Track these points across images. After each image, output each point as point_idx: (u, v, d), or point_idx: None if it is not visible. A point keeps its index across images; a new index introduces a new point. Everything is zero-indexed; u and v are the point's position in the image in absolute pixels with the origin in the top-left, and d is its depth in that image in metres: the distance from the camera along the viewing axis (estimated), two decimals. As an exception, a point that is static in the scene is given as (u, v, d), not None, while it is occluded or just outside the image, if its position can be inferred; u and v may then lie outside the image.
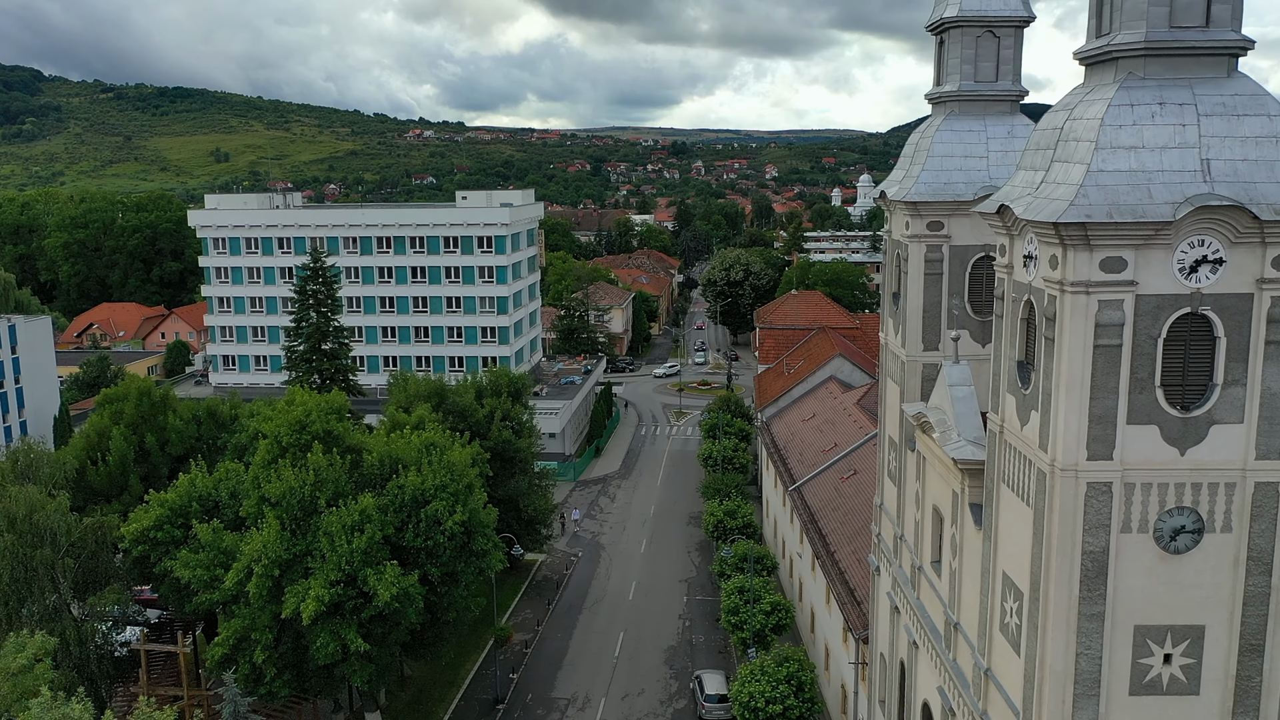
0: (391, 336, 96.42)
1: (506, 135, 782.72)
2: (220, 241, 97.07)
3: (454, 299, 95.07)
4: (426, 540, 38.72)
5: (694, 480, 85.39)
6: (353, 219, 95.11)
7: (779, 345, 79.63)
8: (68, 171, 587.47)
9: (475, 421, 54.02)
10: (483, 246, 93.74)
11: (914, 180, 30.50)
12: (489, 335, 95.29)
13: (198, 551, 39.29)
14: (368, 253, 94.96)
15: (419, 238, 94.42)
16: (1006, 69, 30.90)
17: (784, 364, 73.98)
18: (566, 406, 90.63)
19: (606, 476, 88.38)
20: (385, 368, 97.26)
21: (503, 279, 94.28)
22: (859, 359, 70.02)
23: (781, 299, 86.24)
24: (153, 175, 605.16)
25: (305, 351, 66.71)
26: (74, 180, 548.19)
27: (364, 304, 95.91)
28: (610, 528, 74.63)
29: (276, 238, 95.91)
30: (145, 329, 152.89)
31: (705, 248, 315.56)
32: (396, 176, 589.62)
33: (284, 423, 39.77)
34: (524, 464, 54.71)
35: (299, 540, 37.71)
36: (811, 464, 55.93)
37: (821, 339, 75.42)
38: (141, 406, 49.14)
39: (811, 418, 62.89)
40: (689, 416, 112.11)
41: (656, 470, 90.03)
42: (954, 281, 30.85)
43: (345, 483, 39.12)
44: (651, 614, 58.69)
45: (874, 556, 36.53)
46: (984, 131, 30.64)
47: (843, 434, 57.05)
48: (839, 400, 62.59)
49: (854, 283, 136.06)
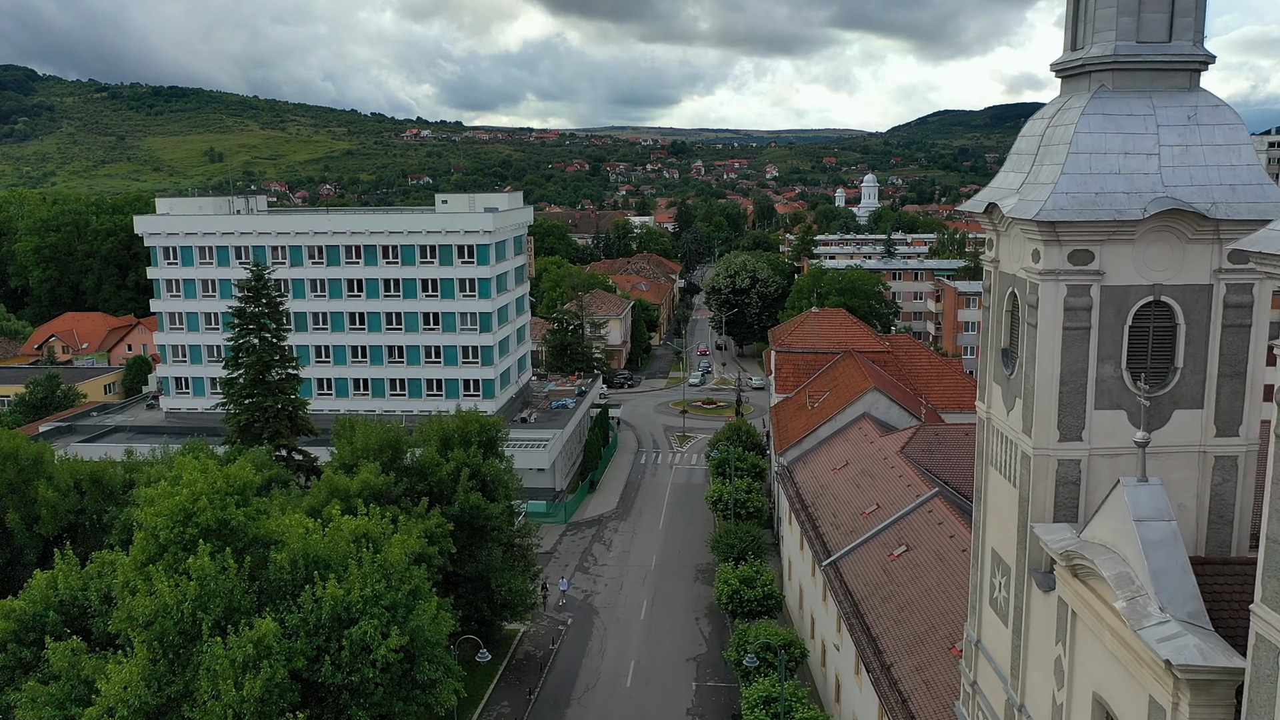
0: (362, 357, 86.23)
1: (504, 135, 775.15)
2: (171, 251, 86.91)
3: (431, 315, 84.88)
4: (350, 674, 28.62)
5: (701, 522, 75.28)
6: (318, 226, 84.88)
7: (798, 372, 69.48)
8: (59, 172, 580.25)
9: (438, 481, 43.91)
10: (463, 256, 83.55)
11: (1048, 190, 20.35)
12: (471, 355, 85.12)
13: (48, 682, 29.26)
14: (335, 264, 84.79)
15: (392, 247, 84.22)
16: (1185, 23, 20.76)
17: (806, 395, 63.84)
18: (557, 437, 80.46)
19: (602, 517, 78.21)
20: (355, 391, 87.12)
21: (486, 293, 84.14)
22: (896, 393, 59.89)
23: (801, 318, 76.04)
24: (145, 176, 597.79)
25: (245, 385, 56.55)
26: (65, 180, 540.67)
27: (331, 320, 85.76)
28: (605, 585, 64.48)
29: (233, 246, 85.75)
30: (111, 340, 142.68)
31: (707, 250, 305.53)
32: (393, 177, 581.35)
33: (163, 510, 29.63)
34: (497, 533, 44.51)
35: (175, 678, 27.62)
36: (848, 530, 45.83)
37: (849, 366, 65.28)
38: (5, 473, 38.90)
39: (844, 466, 52.74)
40: (693, 441, 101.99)
41: (658, 508, 79.88)
42: (1108, 339, 20.76)
43: (241, 595, 29.00)
44: (653, 707, 48.50)
45: (963, 709, 26.40)
46: (1152, 116, 20.50)
47: (885, 491, 46.95)
48: (876, 446, 52.45)
49: (870, 292, 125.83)
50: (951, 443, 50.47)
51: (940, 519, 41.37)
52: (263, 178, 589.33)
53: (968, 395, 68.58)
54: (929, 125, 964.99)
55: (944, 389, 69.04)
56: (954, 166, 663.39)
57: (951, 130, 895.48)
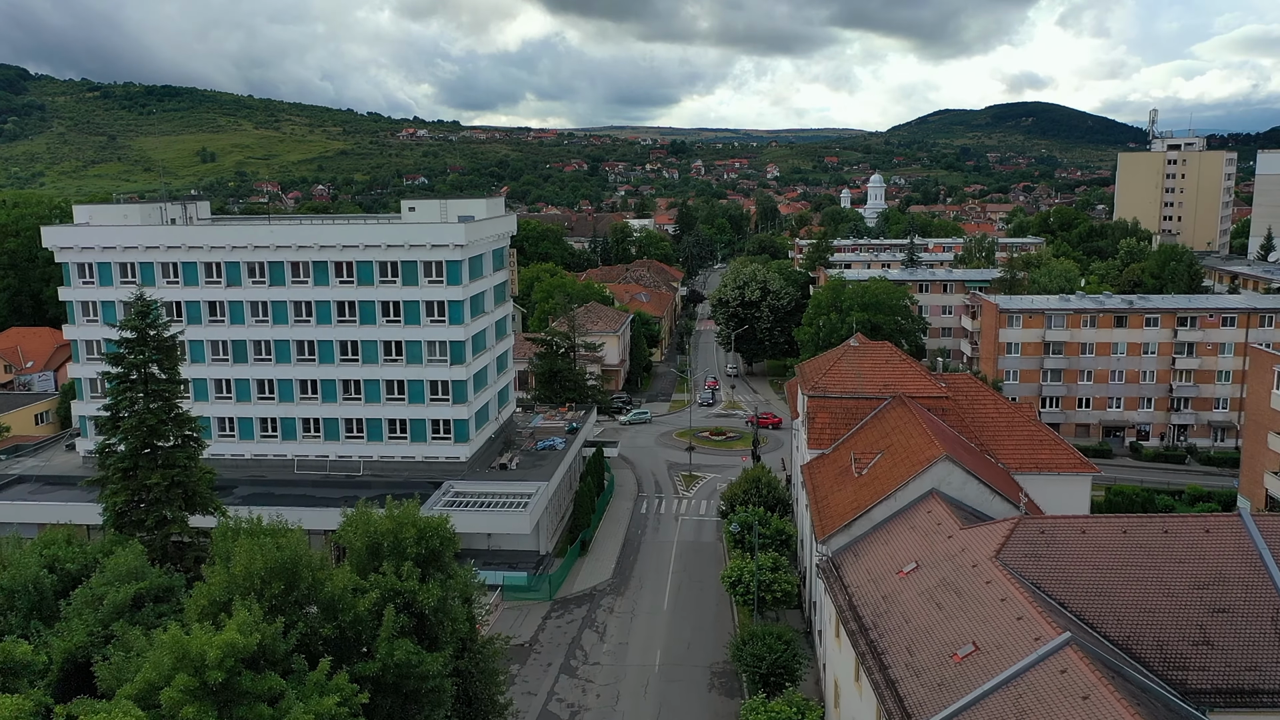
0: (312, 393, 72.86)
1: (502, 135, 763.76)
2: (87, 268, 73.65)
3: (394, 344, 71.56)
4: None
5: (714, 599, 62.03)
6: (258, 238, 71.51)
7: (836, 422, 56.14)
8: (48, 172, 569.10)
9: (352, 622, 30.57)
10: (431, 274, 70.21)
11: None
12: (440, 392, 71.73)
13: None
14: (279, 283, 71.41)
15: (346, 263, 70.87)
16: None
17: (851, 457, 50.47)
18: (541, 492, 67.13)
19: (594, 591, 64.86)
20: (304, 433, 73.70)
21: (458, 318, 70.76)
22: (972, 461, 46.62)
23: (836, 353, 62.50)
24: (136, 176, 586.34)
25: (127, 455, 43.17)
26: (54, 181, 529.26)
27: (275, 350, 72.33)
28: (597, 696, 51.07)
29: (159, 263, 72.42)
30: (60, 358, 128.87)
31: (709, 254, 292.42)
32: (387, 177, 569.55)
33: None
34: (435, 695, 31.11)
35: None
36: (934, 680, 32.52)
37: (902, 419, 51.93)
38: None
39: (914, 569, 39.42)
40: (702, 483, 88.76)
41: (663, 578, 66.61)
42: None
43: None
44: None
45: None
46: None
47: (984, 623, 33.63)
48: (957, 543, 39.16)
49: (896, 307, 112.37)
50: (1067, 548, 37.20)
51: (1083, 688, 28.11)
52: (255, 178, 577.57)
53: (1047, 453, 55.32)
54: (929, 124, 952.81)
55: (1016, 444, 55.78)
56: (957, 166, 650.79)
57: (952, 129, 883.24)
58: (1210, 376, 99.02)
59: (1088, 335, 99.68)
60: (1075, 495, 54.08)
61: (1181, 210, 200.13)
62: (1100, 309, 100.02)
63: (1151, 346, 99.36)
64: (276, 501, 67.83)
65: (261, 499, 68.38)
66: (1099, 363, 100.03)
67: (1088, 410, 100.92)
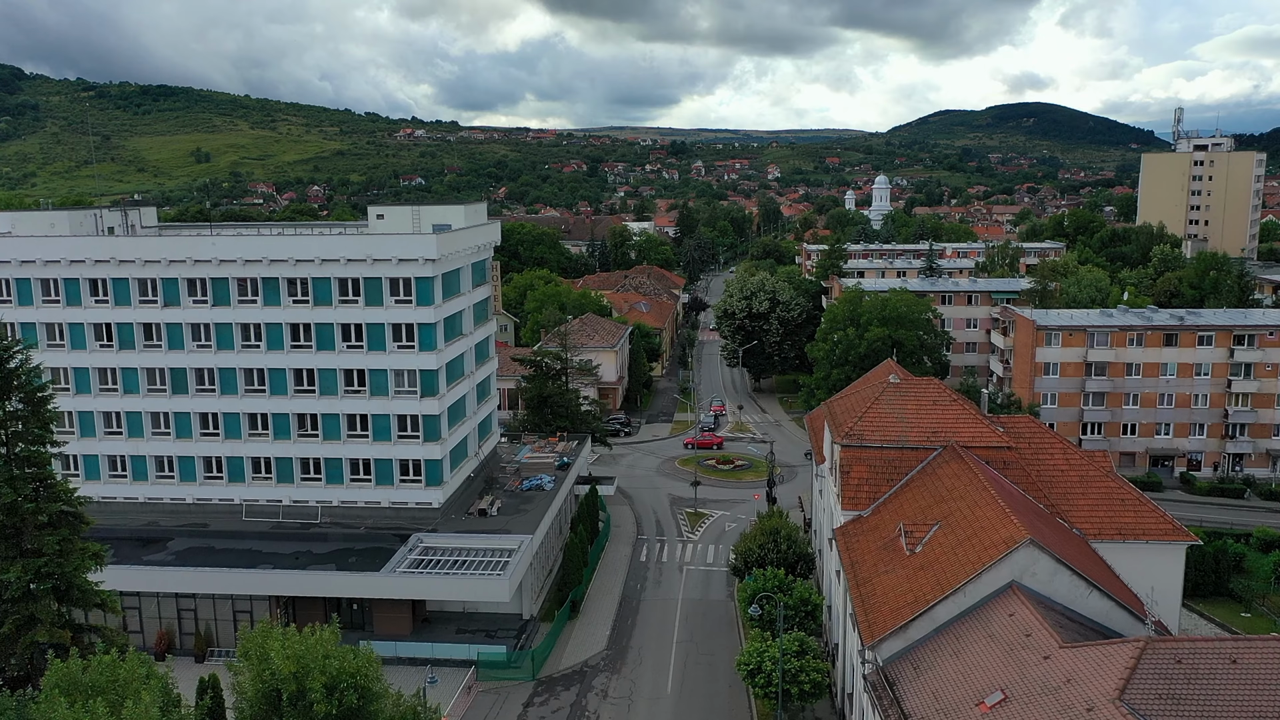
0: (262, 428, 63.34)
1: (500, 135, 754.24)
2: (5, 285, 64.19)
3: (355, 373, 62.04)
4: None
5: (727, 680, 52.40)
6: (200, 252, 62.01)
7: (876, 477, 46.64)
8: (40, 172, 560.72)
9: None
10: (399, 293, 60.68)
11: None
12: (409, 428, 62.19)
13: None
14: (223, 303, 61.85)
15: (300, 280, 61.34)
16: None
17: (901, 530, 40.88)
18: (524, 548, 57.51)
19: (585, 667, 55.17)
20: (253, 475, 64.08)
21: (429, 343, 61.22)
22: (1060, 543, 36.98)
23: (873, 393, 52.62)
24: (129, 176, 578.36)
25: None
26: (46, 181, 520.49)
27: (220, 380, 62.77)
28: (586, 821, 41.55)
29: (86, 279, 62.85)
30: None
31: (711, 258, 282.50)
32: (384, 177, 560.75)
33: None
34: None
35: None
36: None
37: (960, 476, 42.36)
38: None
39: (1001, 702, 29.84)
40: (709, 522, 79.22)
41: (666, 650, 56.95)
42: None
43: None
44: None
45: None
46: None
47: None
48: (1059, 669, 29.60)
49: (918, 321, 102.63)
50: (1216, 685, 27.60)
51: None
52: (250, 179, 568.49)
53: (1131, 516, 45.76)
54: (930, 125, 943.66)
55: (1092, 505, 46.22)
56: (959, 167, 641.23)
57: (953, 130, 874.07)
58: (1270, 401, 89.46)
59: (1134, 355, 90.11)
60: (1167, 569, 44.55)
61: (1209, 214, 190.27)
62: (1149, 326, 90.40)
63: (1205, 368, 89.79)
64: (216, 558, 58.44)
65: (198, 555, 58.83)
66: (1146, 385, 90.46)
67: (1133, 438, 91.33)
